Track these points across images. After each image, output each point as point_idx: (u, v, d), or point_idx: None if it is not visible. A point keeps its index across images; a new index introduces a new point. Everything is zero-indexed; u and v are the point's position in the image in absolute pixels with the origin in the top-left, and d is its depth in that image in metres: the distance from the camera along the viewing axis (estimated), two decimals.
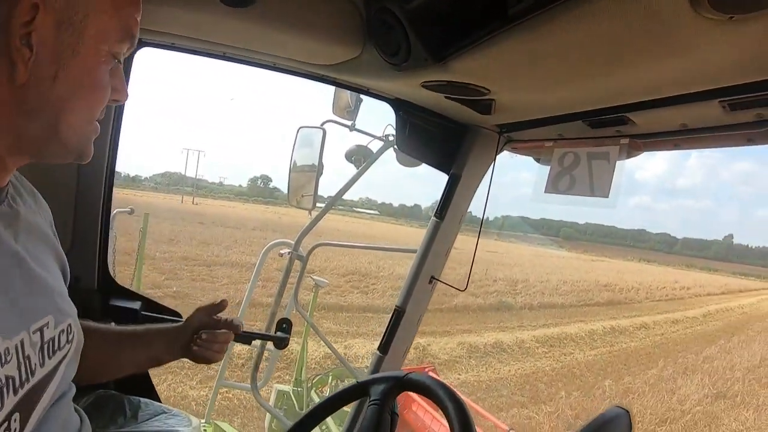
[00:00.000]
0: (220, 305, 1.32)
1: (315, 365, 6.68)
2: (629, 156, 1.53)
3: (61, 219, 1.45)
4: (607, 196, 1.43)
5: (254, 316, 11.37)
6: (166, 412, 1.49)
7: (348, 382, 4.10)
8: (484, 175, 1.79)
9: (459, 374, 8.34)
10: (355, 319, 13.18)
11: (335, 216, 57.04)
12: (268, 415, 4.76)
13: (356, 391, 1.14)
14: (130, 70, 1.57)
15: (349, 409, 2.04)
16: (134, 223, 5.55)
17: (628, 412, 0.89)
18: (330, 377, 5.16)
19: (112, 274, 1.76)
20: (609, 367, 12.84)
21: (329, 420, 4.48)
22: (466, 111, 1.50)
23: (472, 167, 1.74)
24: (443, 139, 1.71)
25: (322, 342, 10.67)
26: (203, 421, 3.31)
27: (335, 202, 2.71)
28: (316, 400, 4.80)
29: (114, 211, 4.75)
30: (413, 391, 1.07)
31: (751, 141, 1.17)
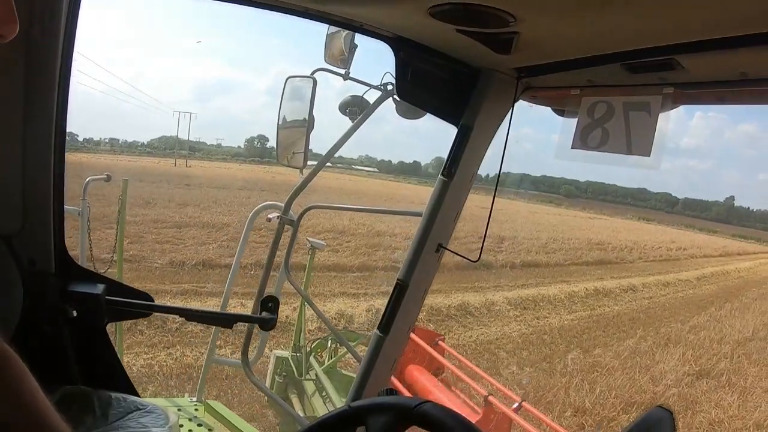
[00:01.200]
0: None
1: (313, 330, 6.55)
2: (670, 108, 1.32)
3: (7, 195, 1.23)
4: (648, 155, 1.22)
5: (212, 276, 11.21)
6: (140, 408, 1.37)
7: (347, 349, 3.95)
8: (498, 127, 1.57)
9: None
10: (315, 279, 12.65)
11: (332, 174, 56.15)
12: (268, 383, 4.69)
13: (349, 420, 0.94)
14: (77, 11, 1.29)
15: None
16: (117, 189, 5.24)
17: (671, 413, 0.83)
18: (329, 341, 5.08)
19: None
20: (584, 333, 12.10)
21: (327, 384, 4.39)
22: (480, 50, 1.27)
23: (485, 117, 1.52)
24: (452, 85, 1.48)
25: (324, 302, 10.41)
26: (194, 399, 3.20)
27: (328, 159, 2.49)
28: (316, 366, 4.72)
29: (87, 179, 4.49)
30: (425, 428, 0.86)
31: None
